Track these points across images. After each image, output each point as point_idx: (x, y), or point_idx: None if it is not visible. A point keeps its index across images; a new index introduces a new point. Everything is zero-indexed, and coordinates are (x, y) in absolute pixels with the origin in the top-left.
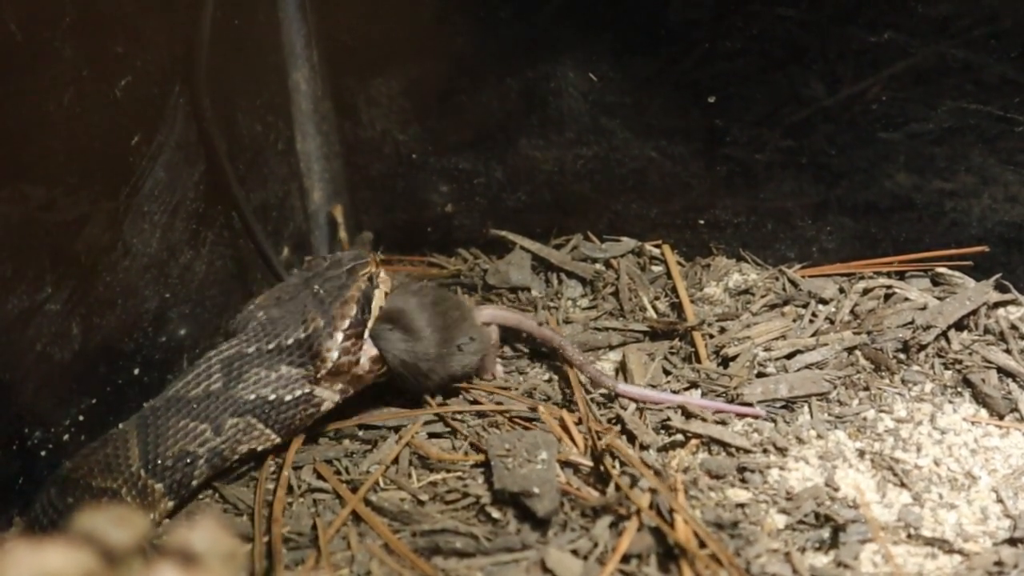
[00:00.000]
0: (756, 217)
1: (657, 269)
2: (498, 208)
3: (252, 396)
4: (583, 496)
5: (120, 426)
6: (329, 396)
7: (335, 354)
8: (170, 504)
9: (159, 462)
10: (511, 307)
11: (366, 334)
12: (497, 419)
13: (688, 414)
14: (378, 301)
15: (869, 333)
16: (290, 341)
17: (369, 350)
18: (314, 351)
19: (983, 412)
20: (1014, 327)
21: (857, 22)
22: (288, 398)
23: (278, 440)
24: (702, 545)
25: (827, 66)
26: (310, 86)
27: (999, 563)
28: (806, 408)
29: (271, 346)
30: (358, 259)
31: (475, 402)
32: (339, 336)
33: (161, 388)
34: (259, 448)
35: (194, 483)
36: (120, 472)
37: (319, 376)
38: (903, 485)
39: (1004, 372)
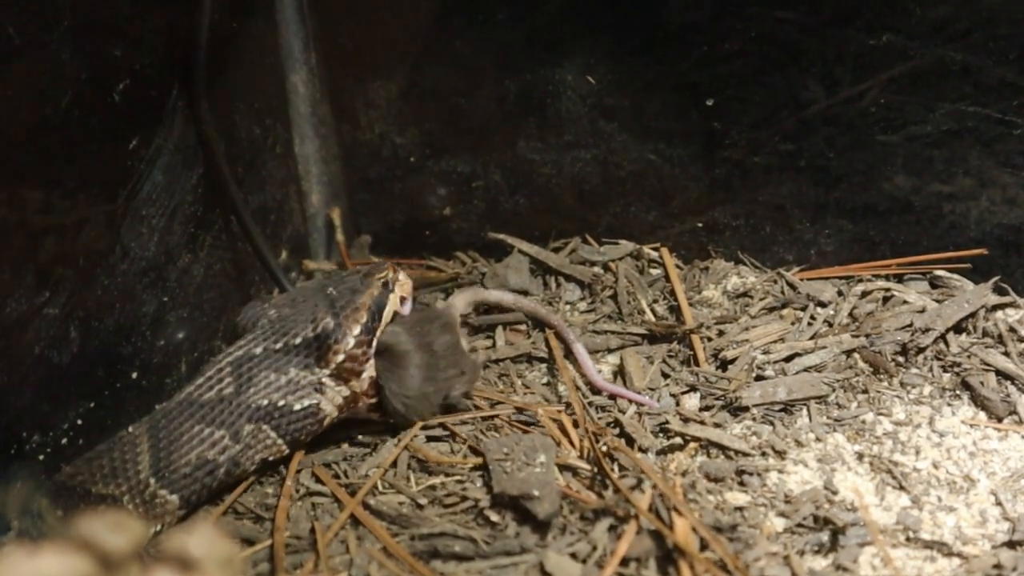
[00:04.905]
0: (754, 220)
1: (655, 272)
2: (496, 211)
3: (264, 401)
4: (582, 499)
5: (129, 428)
6: (330, 410)
7: (342, 356)
8: (180, 514)
9: (172, 470)
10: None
11: (375, 343)
12: (495, 422)
13: (686, 418)
14: (392, 306)
15: (868, 336)
16: (298, 340)
17: (371, 369)
18: (324, 347)
19: (982, 415)
20: (1012, 330)
21: (855, 25)
22: (297, 407)
23: (287, 450)
24: (702, 548)
25: (825, 69)
26: (308, 89)
27: (998, 566)
28: (805, 411)
29: (278, 346)
30: (376, 267)
31: (475, 407)
32: (350, 340)
33: (160, 392)
34: (270, 458)
35: (208, 493)
36: (126, 478)
37: (324, 376)
38: (902, 488)
39: (1003, 375)
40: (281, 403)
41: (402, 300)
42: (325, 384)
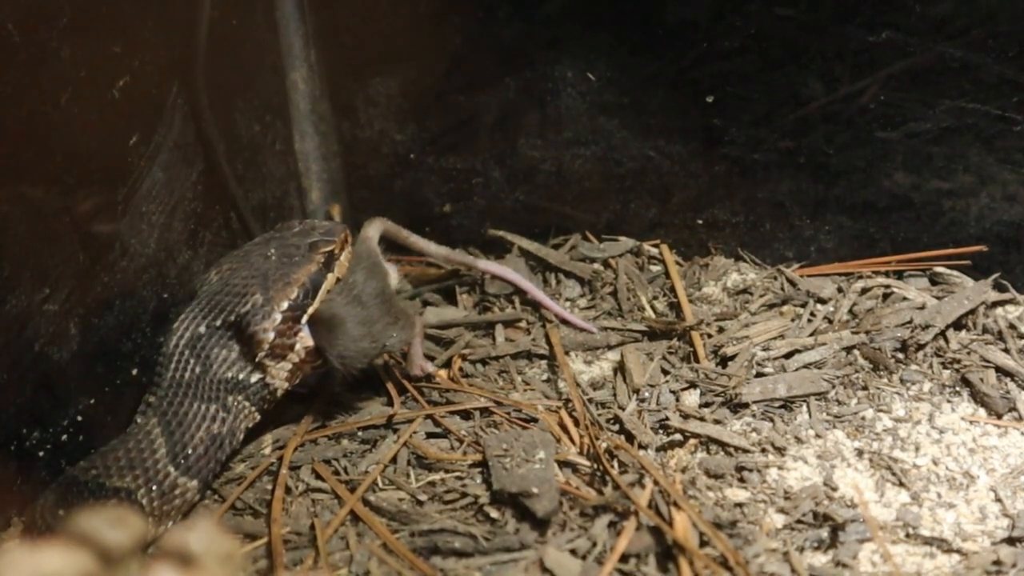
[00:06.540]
0: (754, 216)
1: (655, 269)
2: (496, 208)
3: (229, 374)
4: (582, 495)
5: (138, 420)
6: (279, 384)
7: (271, 335)
8: (196, 497)
9: (187, 452)
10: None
11: (304, 319)
12: (495, 419)
13: (686, 414)
14: (328, 286)
15: (867, 332)
16: (233, 318)
17: (306, 339)
18: (249, 332)
19: (981, 411)
20: (1012, 326)
21: (855, 22)
22: (252, 380)
23: (259, 417)
24: (702, 544)
25: (825, 65)
26: (308, 86)
27: (997, 562)
28: (804, 408)
29: (218, 323)
30: (327, 235)
31: (479, 409)
32: (277, 317)
33: None
34: (250, 425)
35: (220, 470)
36: (143, 469)
37: (260, 357)
38: (901, 484)
39: (1002, 371)
40: (240, 376)
41: (337, 281)
42: (265, 363)
